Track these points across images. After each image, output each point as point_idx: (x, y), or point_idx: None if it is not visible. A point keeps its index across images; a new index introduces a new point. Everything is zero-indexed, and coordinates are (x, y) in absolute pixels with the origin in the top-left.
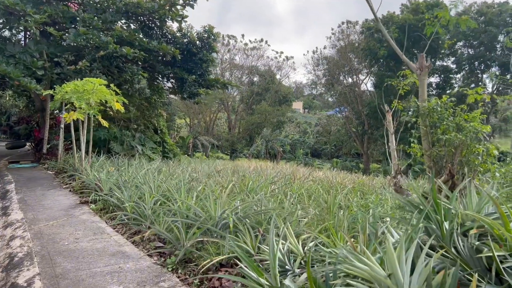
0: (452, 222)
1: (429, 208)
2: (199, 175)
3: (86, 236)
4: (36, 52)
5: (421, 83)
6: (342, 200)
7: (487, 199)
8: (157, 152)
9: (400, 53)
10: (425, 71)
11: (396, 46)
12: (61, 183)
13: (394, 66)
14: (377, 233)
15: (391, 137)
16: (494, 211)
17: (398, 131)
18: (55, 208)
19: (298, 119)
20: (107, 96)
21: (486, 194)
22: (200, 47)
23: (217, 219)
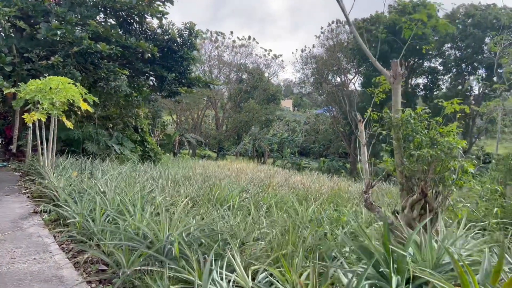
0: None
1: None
2: (165, 182)
3: (25, 255)
4: (5, 47)
5: (395, 92)
6: (315, 211)
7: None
8: (136, 152)
9: (373, 60)
10: (399, 79)
11: (369, 52)
12: (22, 187)
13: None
14: (327, 274)
15: (363, 149)
16: None
17: (371, 143)
18: (3, 218)
19: (287, 117)
20: (74, 95)
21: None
22: (181, 45)
23: (163, 242)
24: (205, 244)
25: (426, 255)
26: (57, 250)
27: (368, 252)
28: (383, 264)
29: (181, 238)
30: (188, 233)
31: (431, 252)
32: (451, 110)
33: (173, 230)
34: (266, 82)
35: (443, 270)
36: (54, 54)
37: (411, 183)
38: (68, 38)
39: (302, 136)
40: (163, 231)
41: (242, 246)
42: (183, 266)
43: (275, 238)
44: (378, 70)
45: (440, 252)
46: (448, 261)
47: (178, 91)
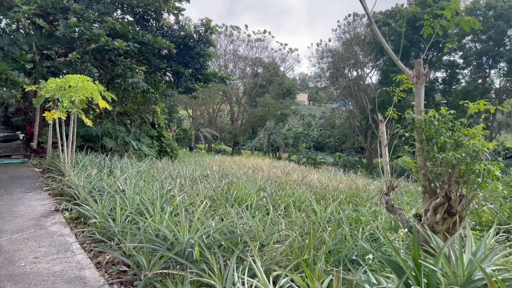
0: None
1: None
2: (182, 181)
3: (48, 255)
4: (26, 44)
5: (417, 92)
6: (334, 212)
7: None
8: (153, 147)
9: (395, 59)
10: (422, 79)
11: (391, 51)
12: (43, 184)
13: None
14: (352, 284)
15: (384, 150)
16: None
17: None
18: (26, 216)
19: (303, 112)
20: (93, 93)
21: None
22: (197, 41)
23: (184, 245)
24: (225, 246)
25: (458, 271)
26: (78, 250)
27: (396, 266)
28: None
29: (201, 241)
30: (207, 235)
31: (462, 267)
32: (475, 110)
33: (193, 232)
34: (282, 77)
35: (474, 286)
36: (72, 51)
37: (434, 186)
38: (86, 35)
39: (317, 131)
40: (183, 233)
41: (261, 249)
42: (204, 270)
43: (295, 240)
44: (397, 64)
45: (472, 266)
46: (480, 277)
47: (194, 87)
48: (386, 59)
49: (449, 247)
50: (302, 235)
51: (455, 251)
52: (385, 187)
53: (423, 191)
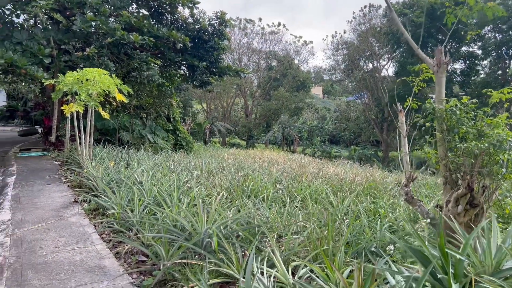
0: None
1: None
2: (199, 173)
3: (68, 245)
4: (44, 39)
5: (438, 81)
6: (351, 204)
7: None
8: (169, 141)
9: (415, 47)
10: (443, 68)
11: (411, 39)
12: (62, 176)
13: None
14: (374, 274)
15: (404, 141)
16: None
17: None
18: (46, 207)
19: (317, 105)
20: (109, 86)
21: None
22: (211, 34)
23: (202, 235)
24: (242, 237)
25: (486, 260)
26: (98, 240)
27: (421, 255)
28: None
29: (219, 231)
30: (225, 226)
31: (490, 257)
32: (496, 99)
33: (210, 223)
34: (296, 69)
35: (503, 276)
36: (89, 46)
37: (455, 177)
38: (102, 29)
39: (332, 124)
40: (201, 223)
41: (279, 239)
42: (222, 260)
43: (313, 232)
44: (414, 55)
45: (500, 256)
46: (509, 266)
47: (209, 80)
48: (403, 50)
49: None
50: (320, 227)
51: (481, 242)
52: (405, 178)
53: (444, 182)
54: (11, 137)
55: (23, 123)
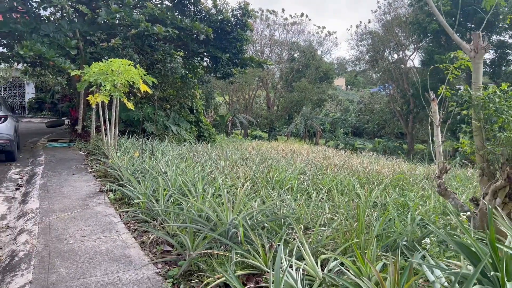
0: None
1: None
2: (223, 163)
3: (94, 233)
4: (70, 31)
5: (476, 68)
6: (378, 197)
7: None
8: (192, 132)
9: (450, 32)
10: (480, 54)
11: (446, 23)
12: (88, 166)
13: (445, 42)
14: (411, 270)
15: (437, 130)
16: None
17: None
18: (73, 196)
19: (340, 97)
20: (134, 77)
21: None
22: (234, 25)
23: (227, 226)
24: (268, 228)
25: None
26: (123, 229)
27: (467, 250)
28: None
29: (244, 221)
30: (251, 217)
31: None
32: None
33: (236, 213)
34: (319, 61)
35: None
36: (114, 37)
37: (493, 168)
38: (126, 20)
39: (355, 116)
40: (227, 214)
41: (306, 231)
42: (248, 251)
43: (341, 224)
44: (442, 44)
45: None
46: None
47: (232, 72)
48: (430, 40)
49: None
50: (348, 219)
51: None
52: (437, 169)
53: (480, 174)
54: (39, 128)
55: (50, 114)
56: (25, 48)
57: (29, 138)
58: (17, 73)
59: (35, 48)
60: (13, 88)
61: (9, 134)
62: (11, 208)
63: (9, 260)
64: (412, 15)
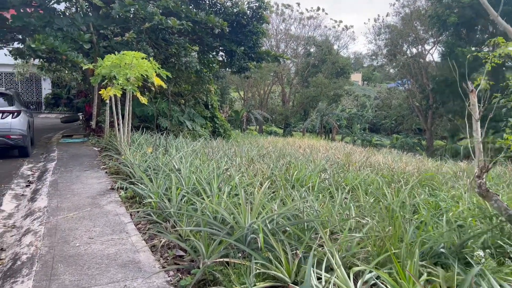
0: None
1: None
2: (239, 160)
3: (103, 235)
4: (83, 25)
5: None
6: (406, 197)
7: None
8: (207, 128)
9: (494, 15)
10: None
11: (488, 4)
12: (101, 162)
13: (465, 35)
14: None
15: (475, 125)
16: None
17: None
18: (83, 194)
19: (356, 92)
20: (147, 70)
21: None
22: (250, 18)
23: (245, 230)
24: (290, 232)
25: None
26: (133, 231)
27: None
28: None
29: (264, 225)
30: (271, 220)
31: None
32: None
33: (254, 216)
34: (335, 55)
35: None
36: (127, 31)
37: None
38: (141, 14)
39: (372, 112)
40: (245, 216)
41: (331, 237)
42: (269, 259)
43: (373, 229)
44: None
45: None
46: None
47: (247, 66)
48: (450, 34)
49: None
50: (379, 222)
51: None
52: (477, 168)
53: None
54: (55, 124)
55: (66, 110)
56: (37, 42)
57: (45, 133)
58: (34, 68)
59: (47, 42)
60: (30, 83)
61: (22, 130)
62: (20, 206)
63: (11, 263)
64: (431, 8)
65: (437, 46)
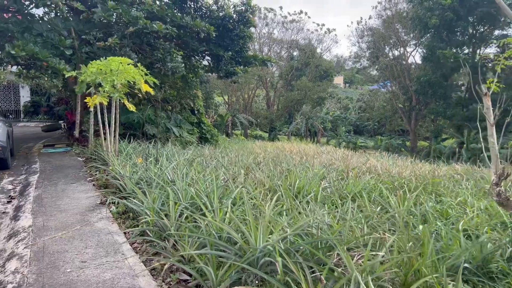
0: None
1: None
2: (235, 169)
3: (96, 258)
4: (64, 30)
5: None
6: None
7: None
8: (194, 134)
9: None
10: None
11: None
12: (87, 174)
13: (446, 37)
14: None
15: (491, 130)
16: None
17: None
18: (70, 210)
19: (339, 95)
20: (135, 76)
21: None
22: (236, 22)
23: (258, 252)
24: (304, 251)
25: None
26: (129, 251)
27: None
28: None
29: (278, 245)
30: (283, 238)
31: None
32: None
33: (266, 234)
34: (319, 58)
35: None
36: (110, 36)
37: None
38: (124, 18)
39: (355, 114)
40: (255, 236)
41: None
42: (287, 285)
43: (395, 246)
44: (444, 39)
45: None
46: None
47: (235, 71)
48: (431, 36)
49: None
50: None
51: None
52: (494, 175)
53: None
54: (35, 133)
55: (47, 118)
56: (17, 48)
57: (24, 143)
58: (12, 76)
59: (27, 48)
60: (8, 91)
61: (1, 141)
62: (1, 226)
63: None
64: (413, 10)
65: (418, 48)
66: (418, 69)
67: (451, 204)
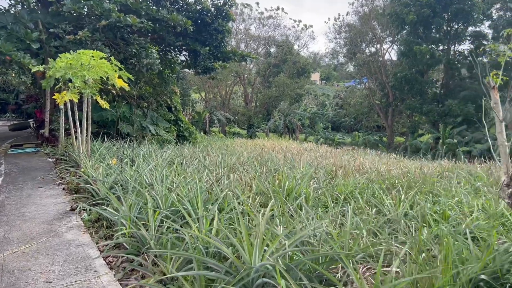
0: None
1: None
2: (220, 170)
3: (64, 276)
4: (31, 22)
5: None
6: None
7: None
8: (171, 132)
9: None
10: None
11: None
12: (57, 176)
13: (422, 33)
14: None
15: (499, 126)
16: None
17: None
18: (36, 219)
19: (316, 91)
20: (108, 71)
21: None
22: (214, 15)
23: (253, 272)
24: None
25: None
26: (103, 267)
27: None
28: None
29: (276, 262)
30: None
31: None
32: None
33: (262, 249)
34: (296, 55)
35: None
36: (81, 29)
37: None
38: (96, 10)
39: (332, 110)
40: (250, 251)
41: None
42: None
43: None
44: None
45: None
46: None
47: (213, 66)
48: (408, 32)
49: None
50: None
51: None
52: (505, 175)
53: None
54: (2, 132)
55: (15, 116)
56: None
57: None
58: None
59: None
60: None
61: None
62: None
63: None
64: (390, 6)
65: (395, 45)
66: (394, 65)
67: (449, 205)
